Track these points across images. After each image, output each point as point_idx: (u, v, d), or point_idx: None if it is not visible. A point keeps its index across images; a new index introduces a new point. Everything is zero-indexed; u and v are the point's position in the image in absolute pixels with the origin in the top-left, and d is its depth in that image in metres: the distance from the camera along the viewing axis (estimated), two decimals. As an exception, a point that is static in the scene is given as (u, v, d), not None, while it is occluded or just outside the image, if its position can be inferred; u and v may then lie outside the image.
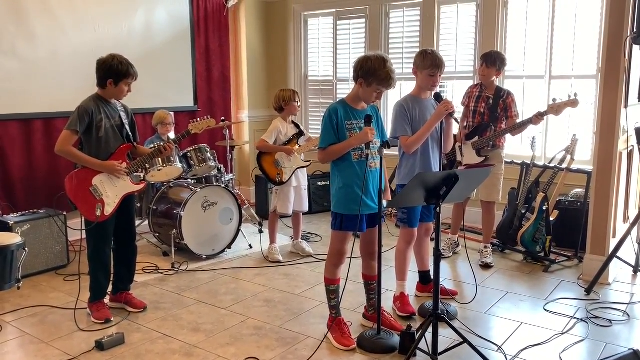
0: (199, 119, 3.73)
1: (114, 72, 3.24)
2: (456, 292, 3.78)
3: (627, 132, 3.88)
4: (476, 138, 4.26)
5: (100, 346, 3.01)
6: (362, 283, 3.29)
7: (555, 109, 3.98)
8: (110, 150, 3.33)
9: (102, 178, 3.32)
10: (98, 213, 3.27)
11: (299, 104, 4.60)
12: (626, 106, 3.75)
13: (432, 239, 3.30)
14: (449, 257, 4.56)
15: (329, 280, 3.13)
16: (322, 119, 3.03)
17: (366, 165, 2.93)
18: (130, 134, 3.44)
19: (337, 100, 3.16)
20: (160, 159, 3.96)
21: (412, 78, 3.46)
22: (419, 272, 3.77)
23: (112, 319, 3.38)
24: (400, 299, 3.48)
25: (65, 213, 4.39)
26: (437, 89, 3.37)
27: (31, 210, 4.36)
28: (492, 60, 4.20)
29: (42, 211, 4.36)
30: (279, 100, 4.52)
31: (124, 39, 5.34)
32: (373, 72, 2.87)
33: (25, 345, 3.12)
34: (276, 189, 4.59)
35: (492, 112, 4.24)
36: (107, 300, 3.53)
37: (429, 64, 3.28)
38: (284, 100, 4.50)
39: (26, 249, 3.16)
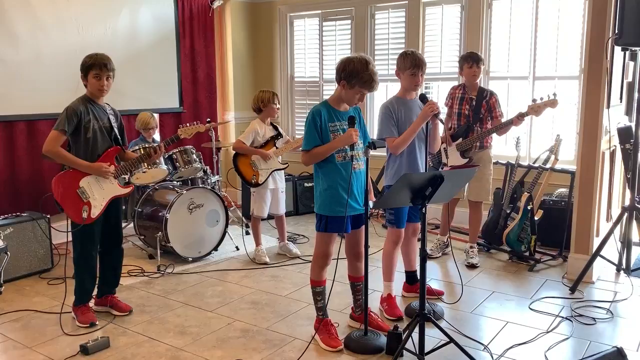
0: (188, 124, 3.80)
1: (80, 67, 3.26)
2: (442, 292, 3.80)
3: (610, 132, 3.93)
4: (460, 140, 4.29)
5: (85, 350, 2.98)
6: (349, 284, 3.29)
7: (535, 109, 4.04)
8: (97, 152, 3.30)
9: (90, 180, 3.28)
10: (84, 215, 3.24)
11: (278, 106, 4.55)
12: (608, 107, 3.80)
13: (419, 239, 3.32)
14: (437, 257, 4.58)
15: (314, 282, 3.13)
16: (305, 121, 3.02)
17: (351, 167, 2.93)
18: (119, 137, 3.42)
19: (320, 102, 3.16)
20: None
21: (398, 79, 3.48)
22: (406, 272, 3.78)
23: (97, 323, 3.35)
24: (388, 300, 3.48)
25: (49, 216, 4.34)
26: (422, 89, 3.39)
27: (14, 214, 4.31)
28: (482, 59, 4.27)
29: (25, 214, 4.30)
30: (257, 101, 4.49)
31: (108, 40, 5.29)
32: (356, 74, 2.87)
33: (8, 351, 3.08)
34: (253, 190, 4.58)
35: (475, 114, 4.28)
36: (92, 303, 3.49)
37: (409, 64, 3.31)
38: (262, 101, 4.46)
39: (8, 253, 3.13)
